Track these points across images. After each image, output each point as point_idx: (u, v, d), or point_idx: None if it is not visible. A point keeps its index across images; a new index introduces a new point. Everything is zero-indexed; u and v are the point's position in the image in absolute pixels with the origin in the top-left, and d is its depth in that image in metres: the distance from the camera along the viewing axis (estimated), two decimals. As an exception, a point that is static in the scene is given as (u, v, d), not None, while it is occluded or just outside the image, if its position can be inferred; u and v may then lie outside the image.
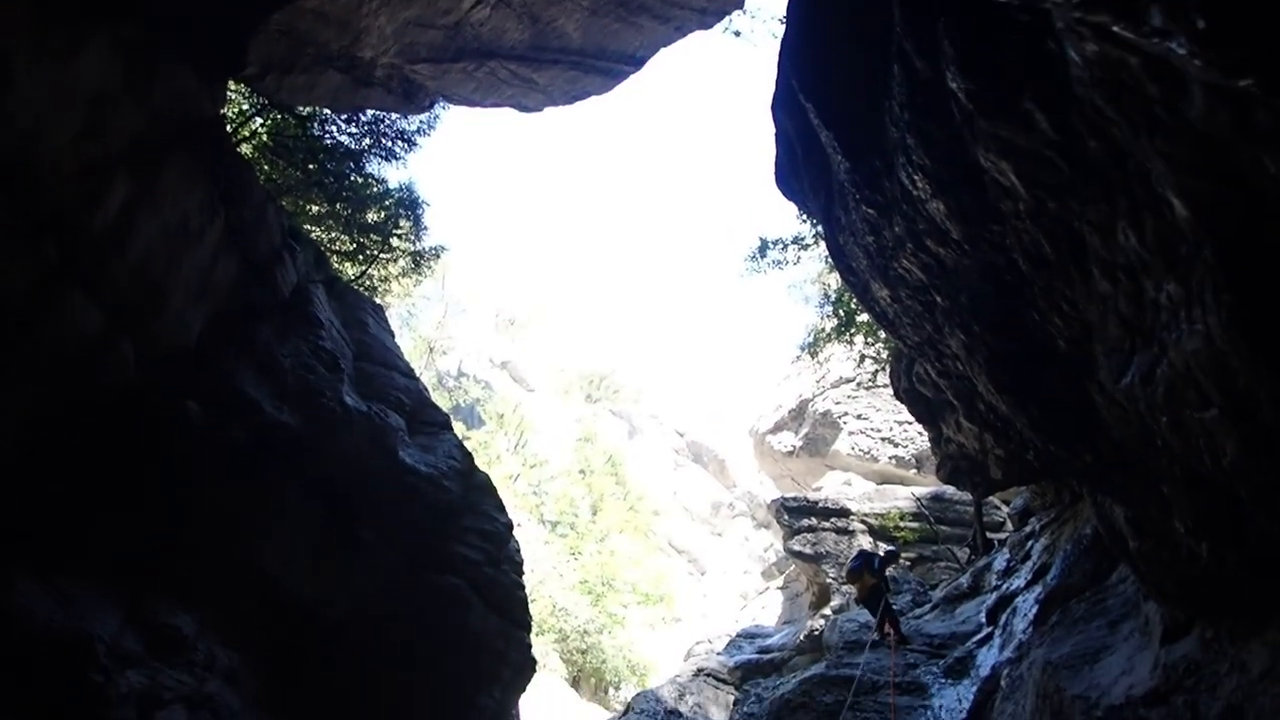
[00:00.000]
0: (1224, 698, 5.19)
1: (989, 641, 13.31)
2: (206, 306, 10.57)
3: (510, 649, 14.33)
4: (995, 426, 8.28)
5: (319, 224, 16.69)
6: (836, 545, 26.43)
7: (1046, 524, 14.01)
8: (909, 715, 12.61)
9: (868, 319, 18.97)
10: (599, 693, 36.65)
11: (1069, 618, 8.65)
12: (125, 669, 8.65)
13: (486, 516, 14.37)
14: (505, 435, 46.16)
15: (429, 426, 14.46)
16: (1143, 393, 4.27)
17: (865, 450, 34.43)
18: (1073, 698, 6.72)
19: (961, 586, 18.18)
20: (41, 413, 8.50)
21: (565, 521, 44.87)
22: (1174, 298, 3.68)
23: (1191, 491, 4.52)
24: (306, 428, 11.18)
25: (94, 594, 8.79)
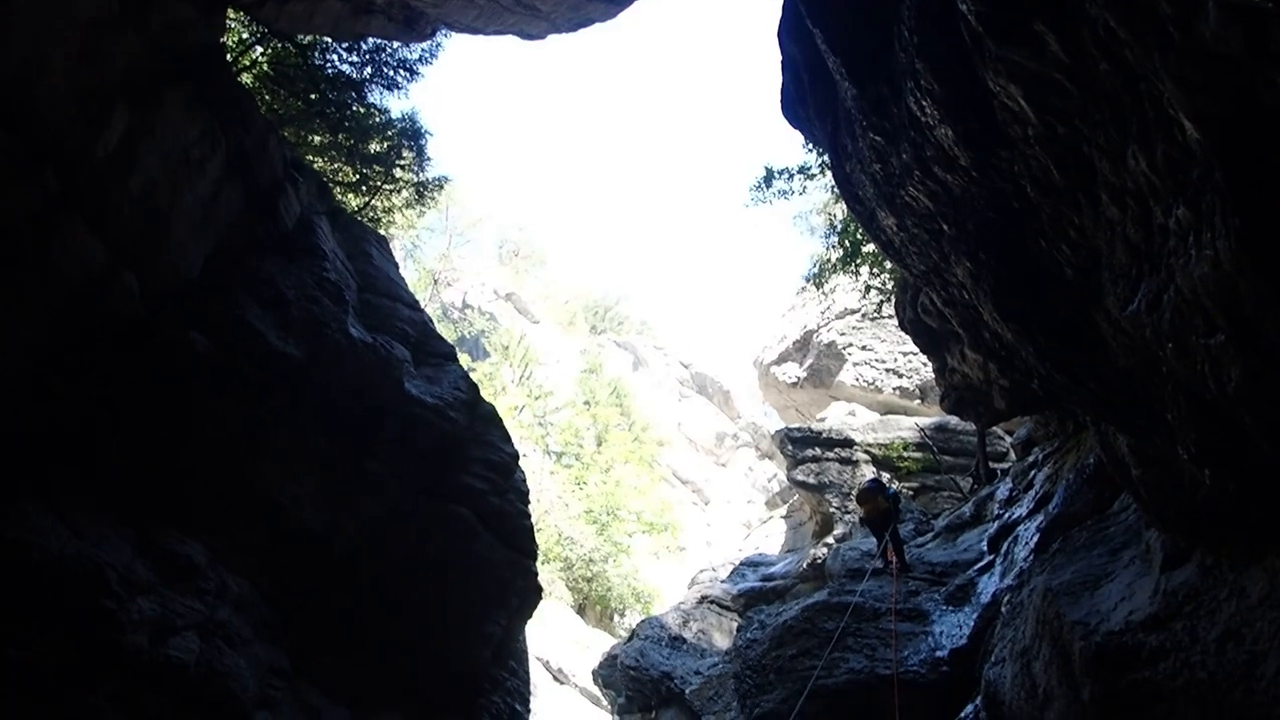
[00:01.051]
0: (1223, 622, 5.25)
1: (990, 569, 13.43)
2: (210, 238, 10.52)
3: (516, 577, 14.50)
4: (1000, 355, 8.28)
5: (321, 155, 16.55)
6: (840, 475, 26.60)
7: (1049, 454, 14.07)
8: (910, 641, 12.77)
9: (873, 249, 18.86)
10: (604, 620, 37.20)
11: (1070, 545, 8.72)
12: (137, 596, 8.78)
13: (492, 447, 14.45)
14: (510, 367, 46.21)
15: (434, 358, 14.48)
16: (1149, 319, 4.26)
17: (869, 381, 34.46)
18: (1072, 623, 6.79)
19: (964, 515, 18.31)
20: (48, 346, 8.52)
21: (570, 452, 45.10)
22: (1183, 222, 3.65)
23: (1195, 419, 4.53)
24: (312, 359, 11.20)
25: (104, 524, 8.88)
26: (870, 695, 12.04)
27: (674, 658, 21.99)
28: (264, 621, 10.61)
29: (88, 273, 8.59)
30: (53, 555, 8.10)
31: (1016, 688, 7.81)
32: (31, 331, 8.29)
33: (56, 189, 7.94)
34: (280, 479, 11.03)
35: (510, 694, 14.55)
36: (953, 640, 12.32)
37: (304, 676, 10.97)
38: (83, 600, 8.25)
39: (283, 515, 11.02)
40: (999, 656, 8.92)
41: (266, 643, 10.50)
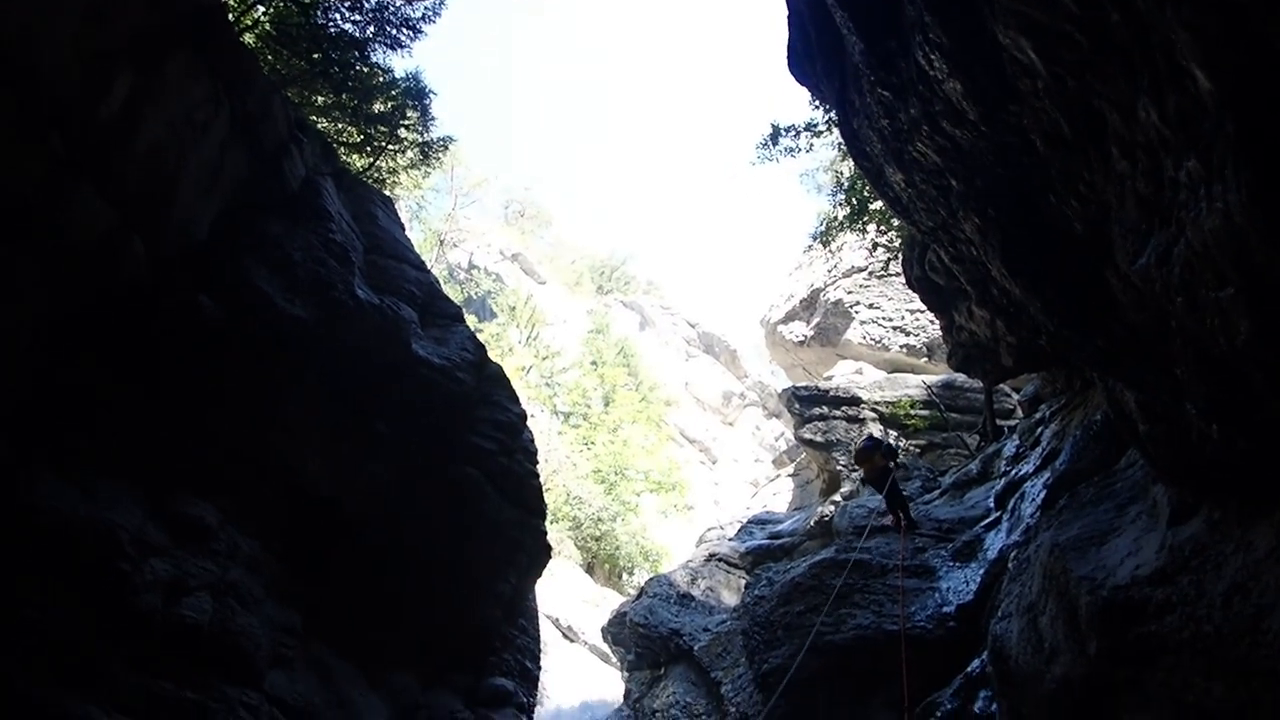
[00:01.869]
0: (1229, 577, 5.27)
1: (997, 526, 13.49)
2: (216, 201, 10.49)
3: (525, 536, 14.60)
4: (1008, 312, 8.26)
5: (325, 115, 16.45)
6: (847, 433, 26.64)
7: (1056, 410, 14.08)
8: (917, 597, 12.84)
9: (880, 206, 18.78)
10: (613, 578, 37.46)
11: (1077, 501, 8.73)
12: (150, 557, 8.86)
13: (500, 407, 14.49)
14: (517, 328, 46.19)
15: (441, 319, 14.48)
16: (1159, 274, 4.24)
17: (876, 339, 34.41)
18: (1079, 579, 6.82)
19: (971, 472, 18.37)
20: (57, 310, 8.53)
21: (578, 412, 45.19)
22: (1194, 175, 3.62)
23: (1204, 374, 4.51)
24: (319, 321, 11.20)
25: (116, 487, 8.95)
26: (877, 650, 12.15)
27: (682, 615, 22.15)
28: (276, 582, 10.71)
29: (96, 236, 8.57)
30: (65, 518, 8.17)
31: (1023, 642, 7.87)
32: (41, 296, 8.29)
33: (62, 153, 7.92)
34: (289, 440, 11.08)
35: (521, 651, 14.71)
36: (959, 596, 12.40)
37: (316, 635, 11.10)
38: (96, 562, 8.33)
39: (292, 476, 11.09)
40: (1005, 612, 8.97)
41: (278, 602, 10.61)
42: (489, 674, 13.66)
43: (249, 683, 9.69)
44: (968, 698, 9.78)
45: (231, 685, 9.46)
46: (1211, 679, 5.33)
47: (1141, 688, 6.04)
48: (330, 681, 10.90)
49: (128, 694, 8.42)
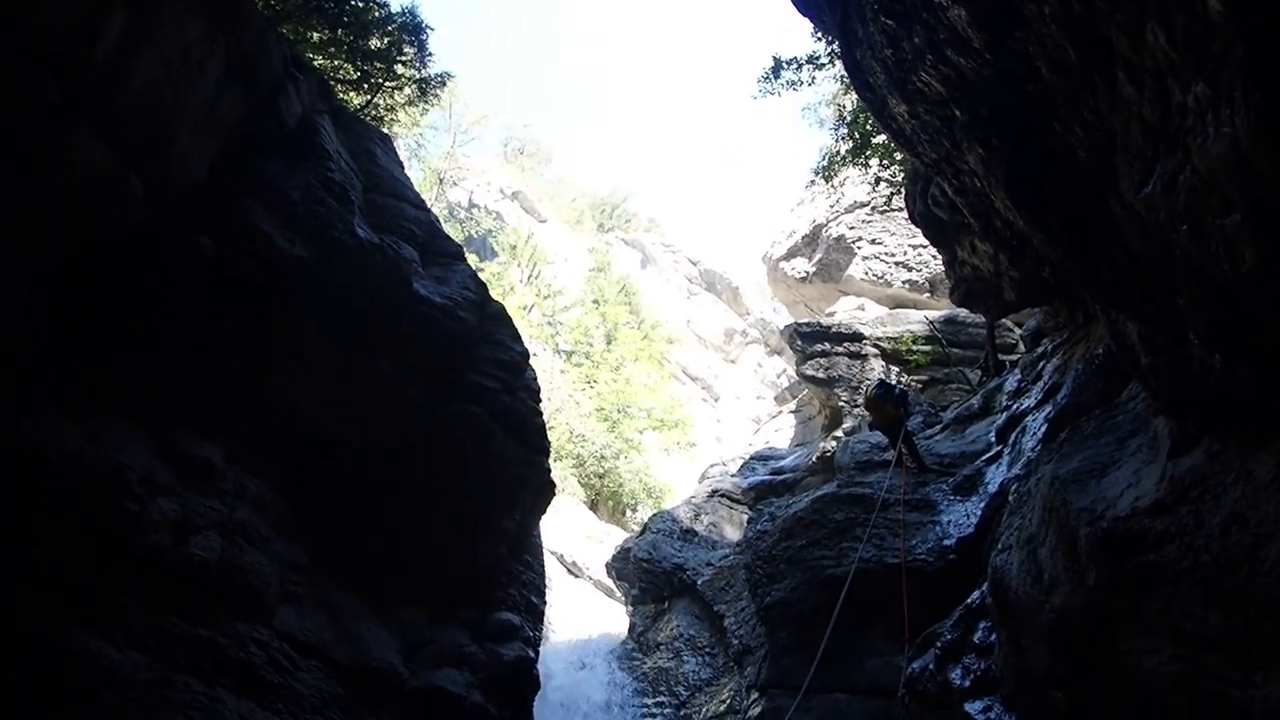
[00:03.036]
0: (1228, 506, 5.29)
1: (998, 460, 13.55)
2: (213, 141, 10.39)
3: (530, 474, 14.69)
4: (1011, 245, 8.22)
5: (321, 52, 16.19)
6: (849, 369, 26.65)
7: (1058, 345, 14.06)
8: (918, 531, 12.95)
9: (883, 140, 18.61)
10: (617, 514, 37.76)
11: (1078, 435, 8.75)
12: (158, 497, 8.93)
13: (502, 346, 14.48)
14: (518, 266, 45.97)
15: (442, 258, 14.41)
16: (1164, 201, 4.20)
17: (879, 275, 34.29)
18: (1079, 510, 6.86)
19: (972, 407, 18.41)
20: (59, 253, 8.49)
21: (580, 351, 45.17)
22: (1201, 100, 3.57)
23: (1208, 302, 4.50)
24: (319, 261, 11.15)
25: (121, 429, 8.99)
26: (878, 582, 12.28)
27: (685, 550, 22.38)
28: (283, 520, 10.81)
29: (94, 177, 8.51)
30: (73, 459, 8.22)
31: (1022, 574, 7.93)
32: (42, 239, 8.26)
33: (58, 94, 7.82)
34: (293, 380, 11.10)
35: (526, 587, 14.88)
36: (960, 529, 12.50)
37: (324, 572, 11.22)
38: (104, 502, 8.40)
39: (297, 416, 11.13)
40: (1005, 544, 9.04)
41: (286, 541, 10.71)
42: (495, 609, 13.84)
43: (259, 619, 9.82)
44: (967, 629, 9.89)
45: (241, 621, 9.59)
46: (1209, 608, 5.38)
47: (1140, 617, 6.11)
48: (339, 617, 11.05)
49: (141, 631, 8.54)
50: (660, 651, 19.13)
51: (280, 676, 9.81)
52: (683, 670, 17.90)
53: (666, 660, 18.59)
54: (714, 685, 16.58)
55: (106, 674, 8.07)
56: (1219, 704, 5.30)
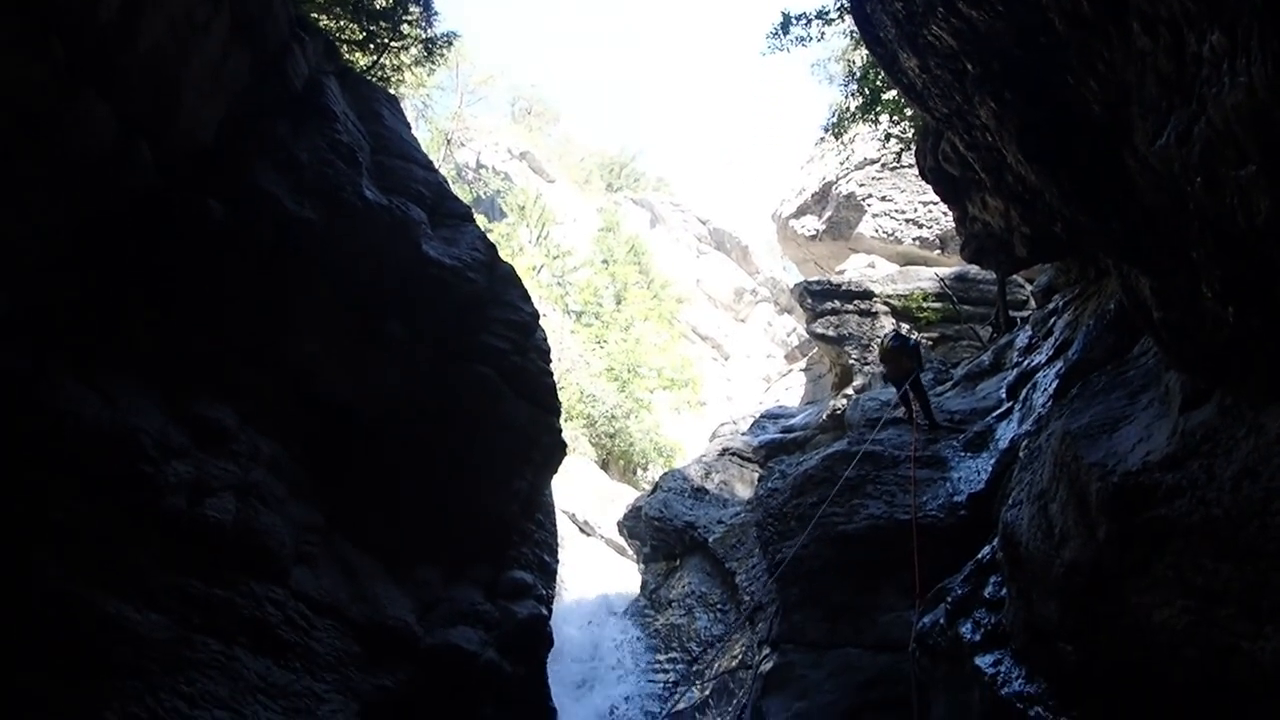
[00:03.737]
0: (1240, 460, 5.31)
1: (1008, 416, 13.56)
2: (220, 103, 10.34)
3: (541, 434, 14.74)
4: (1023, 199, 8.18)
5: (326, 12, 16.06)
6: (859, 327, 26.66)
7: (1070, 300, 14.01)
8: (928, 487, 13.00)
9: (894, 96, 18.46)
10: (628, 474, 37.96)
11: (1089, 390, 8.75)
12: (172, 460, 9.00)
13: (512, 307, 14.47)
14: (527, 227, 45.90)
15: (451, 219, 14.36)
16: (1178, 153, 4.17)
17: (889, 232, 34.17)
18: (1089, 465, 6.87)
19: (983, 364, 18.40)
20: (69, 218, 8.50)
21: (590, 311, 45.20)
22: (1217, 49, 3.53)
23: (1221, 255, 4.47)
24: (328, 223, 11.13)
25: (135, 392, 9.03)
26: (889, 539, 12.35)
27: (696, 508, 22.51)
28: (297, 482, 10.88)
29: (102, 142, 8.49)
30: (88, 422, 8.27)
31: (1033, 529, 7.97)
32: (52, 205, 8.26)
33: (63, 58, 7.79)
34: (304, 342, 11.13)
35: (539, 545, 14.99)
36: (970, 485, 12.54)
37: (339, 533, 11.32)
38: (120, 465, 8.47)
39: (309, 378, 11.17)
40: (1016, 499, 9.07)
41: (300, 502, 10.79)
42: (508, 567, 13.94)
43: (274, 579, 9.93)
44: (978, 583, 9.95)
45: (258, 582, 9.69)
46: (1220, 561, 5.41)
47: (1149, 571, 6.14)
48: (354, 577, 11.15)
49: (159, 592, 8.64)
50: (672, 608, 19.31)
51: (296, 635, 9.93)
52: (694, 626, 18.08)
53: (678, 617, 18.76)
54: (725, 641, 16.74)
55: (126, 634, 8.18)
56: (1229, 656, 5.35)
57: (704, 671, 16.29)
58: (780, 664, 12.35)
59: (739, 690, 14.42)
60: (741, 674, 14.77)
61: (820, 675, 11.79)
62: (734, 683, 14.92)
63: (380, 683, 10.72)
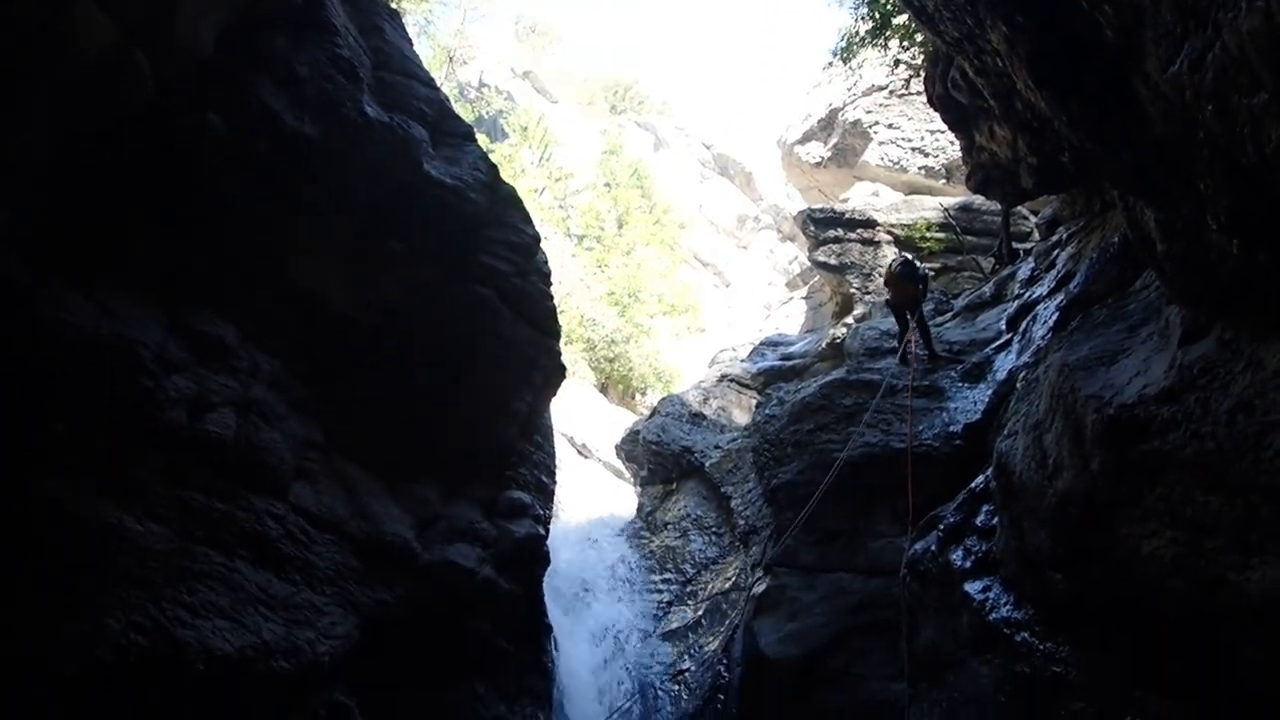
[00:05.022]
0: (1236, 394, 5.34)
1: (1008, 347, 13.60)
2: (219, 15, 10.13)
3: (540, 356, 14.75)
4: (1031, 128, 8.10)
5: (325, -79, 15.73)
6: (862, 256, 26.57)
7: (1074, 233, 13.95)
8: (925, 417, 13.09)
9: (904, 20, 18.16)
10: (626, 398, 38.13)
11: (1089, 323, 8.76)
12: (172, 374, 9.02)
13: (513, 228, 14.38)
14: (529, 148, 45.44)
15: (452, 138, 14.19)
16: (1191, 80, 4.12)
17: (895, 161, 33.85)
18: (1086, 397, 6.91)
19: (984, 295, 18.37)
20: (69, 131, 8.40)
21: (591, 235, 44.96)
22: (1235, -28, 3.47)
23: (1229, 186, 4.44)
24: (328, 140, 11.00)
25: (135, 306, 9.01)
26: (884, 466, 12.47)
27: (694, 433, 22.66)
28: (297, 399, 10.93)
29: (100, 52, 8.34)
30: (88, 335, 8.27)
31: (1027, 459, 8.04)
32: (51, 118, 8.16)
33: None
34: (304, 259, 11.08)
35: (537, 466, 15.12)
36: (967, 415, 12.63)
37: (338, 450, 11.40)
38: (120, 379, 8.49)
39: (309, 295, 11.15)
40: (1011, 430, 9.14)
41: (300, 419, 10.85)
42: (506, 487, 14.08)
43: (275, 494, 10.03)
44: (970, 512, 10.07)
45: (258, 496, 9.79)
46: (1211, 494, 5.47)
47: (1141, 502, 6.22)
48: (353, 493, 11.26)
49: (159, 504, 8.73)
50: (668, 531, 19.53)
51: (296, 549, 10.06)
52: (689, 549, 18.30)
53: (674, 539, 18.99)
54: (720, 563, 16.98)
55: (127, 544, 8.28)
56: (1216, 587, 5.43)
57: (697, 592, 16.54)
58: (773, 586, 12.55)
59: (731, 611, 14.66)
60: (734, 595, 15.00)
61: (812, 598, 11.99)
62: (727, 604, 15.16)
63: (379, 597, 10.90)
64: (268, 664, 9.19)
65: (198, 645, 8.57)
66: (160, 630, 8.34)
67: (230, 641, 8.86)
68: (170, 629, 8.39)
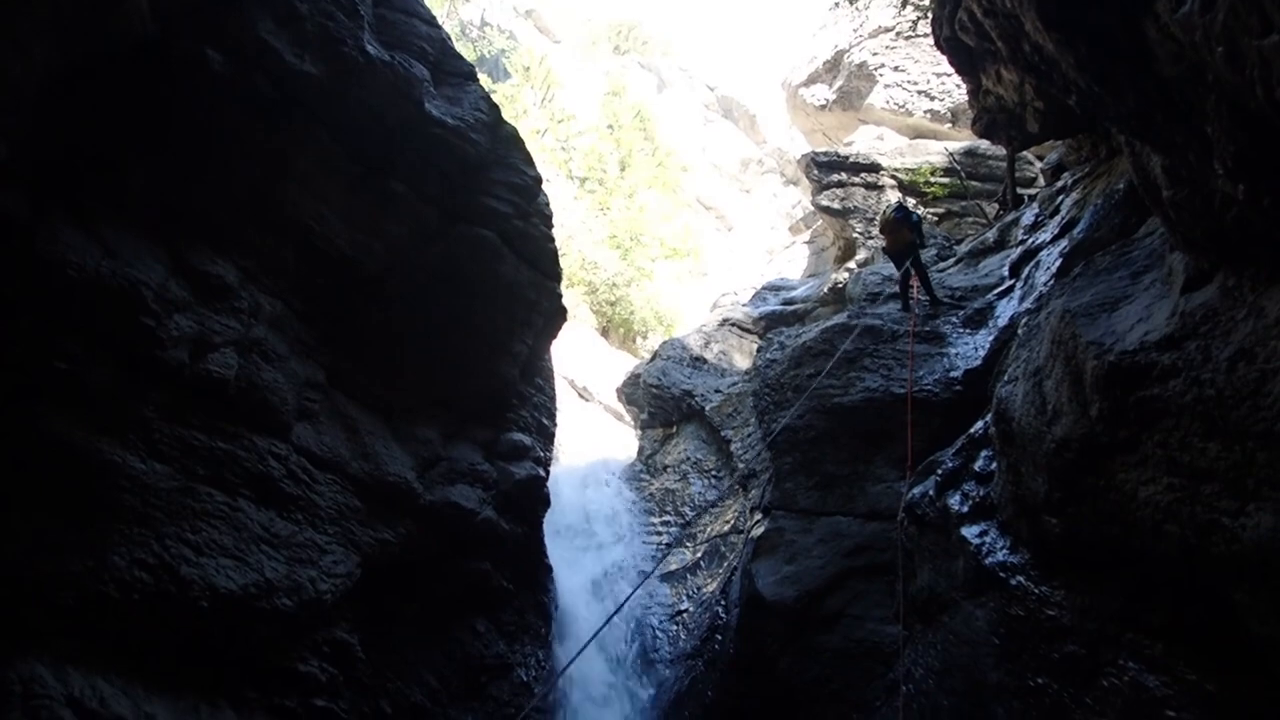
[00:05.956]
0: (1237, 342, 5.34)
1: (1010, 294, 13.58)
2: (218, -52, 10.01)
3: (542, 298, 14.74)
4: (1039, 70, 7.98)
5: None
6: (865, 200, 26.40)
7: (1079, 179, 13.86)
8: (926, 362, 13.11)
9: (912, -40, 17.86)
10: (627, 342, 38.14)
11: (1092, 269, 8.73)
12: (174, 314, 9.02)
13: (515, 170, 14.28)
14: (531, 89, 44.95)
15: (453, 78, 14.04)
16: (1200, 21, 4.07)
17: (900, 104, 33.52)
18: (1087, 343, 6.91)
19: (987, 241, 18.30)
20: (65, 63, 8.30)
21: (594, 177, 44.64)
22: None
23: (1236, 129, 4.41)
24: (329, 78, 10.88)
25: (135, 244, 8.98)
26: (884, 411, 12.53)
27: (695, 377, 22.72)
28: (298, 339, 10.95)
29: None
30: (89, 273, 8.26)
31: (1026, 405, 8.07)
32: (47, 48, 8.05)
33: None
34: (305, 199, 11.02)
35: (537, 409, 15.19)
36: (967, 361, 12.65)
37: (340, 391, 11.46)
38: (122, 317, 8.49)
39: (310, 235, 11.10)
40: (1011, 376, 9.16)
41: (302, 359, 10.88)
42: (507, 429, 14.16)
43: (277, 435, 10.09)
44: (969, 457, 10.13)
45: (260, 436, 9.86)
46: (1208, 440, 5.51)
47: (1138, 448, 6.25)
48: (355, 434, 11.33)
49: (162, 443, 8.80)
50: (668, 474, 19.68)
51: (299, 489, 10.15)
52: (689, 492, 18.45)
53: (673, 482, 19.14)
54: (719, 506, 17.12)
55: (131, 482, 8.36)
56: (1210, 532, 5.49)
57: (696, 535, 16.71)
58: (771, 529, 12.66)
59: (730, 553, 14.82)
60: (733, 538, 15.16)
61: (809, 541, 12.10)
62: (725, 546, 15.32)
63: (380, 536, 11.02)
64: (270, 601, 9.32)
65: (202, 583, 8.70)
66: (165, 568, 8.45)
67: (234, 579, 8.99)
68: (175, 567, 8.51)
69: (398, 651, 11.27)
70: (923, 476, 10.71)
